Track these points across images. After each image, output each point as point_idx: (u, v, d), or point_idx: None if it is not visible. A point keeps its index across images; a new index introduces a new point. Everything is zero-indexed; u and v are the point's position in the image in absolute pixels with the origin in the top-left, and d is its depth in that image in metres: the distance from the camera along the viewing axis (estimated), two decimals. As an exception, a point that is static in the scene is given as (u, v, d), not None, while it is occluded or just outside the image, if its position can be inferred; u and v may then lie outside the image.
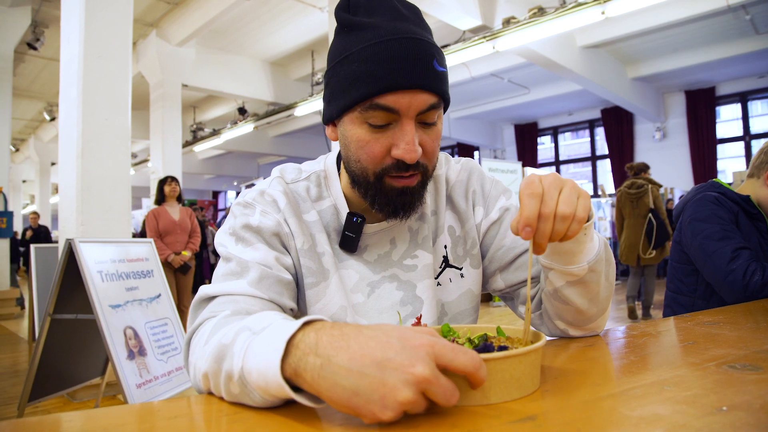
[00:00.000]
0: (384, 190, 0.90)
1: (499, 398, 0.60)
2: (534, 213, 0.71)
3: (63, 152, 4.25)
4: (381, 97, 0.83)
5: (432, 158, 0.91)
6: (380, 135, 0.86)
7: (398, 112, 0.84)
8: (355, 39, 0.86)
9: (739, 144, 11.81)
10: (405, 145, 0.84)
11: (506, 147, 15.86)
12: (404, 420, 0.55)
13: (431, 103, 0.85)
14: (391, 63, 0.82)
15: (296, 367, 0.56)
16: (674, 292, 2.00)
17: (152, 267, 3.39)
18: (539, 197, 0.72)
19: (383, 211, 0.93)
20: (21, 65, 10.26)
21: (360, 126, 0.87)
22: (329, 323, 0.60)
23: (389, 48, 0.83)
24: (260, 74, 11.06)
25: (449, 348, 0.54)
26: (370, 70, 0.83)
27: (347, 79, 0.86)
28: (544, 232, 0.72)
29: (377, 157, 0.88)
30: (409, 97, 0.83)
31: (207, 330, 0.75)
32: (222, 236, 0.95)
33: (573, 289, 0.90)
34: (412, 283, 1.01)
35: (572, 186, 0.75)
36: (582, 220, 0.73)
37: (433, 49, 0.85)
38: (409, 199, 0.91)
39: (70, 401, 3.86)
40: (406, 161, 0.85)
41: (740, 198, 1.88)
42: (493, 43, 6.90)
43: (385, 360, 0.52)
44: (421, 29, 0.87)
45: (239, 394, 0.62)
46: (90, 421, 0.60)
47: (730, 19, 8.35)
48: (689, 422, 0.51)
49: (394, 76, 0.82)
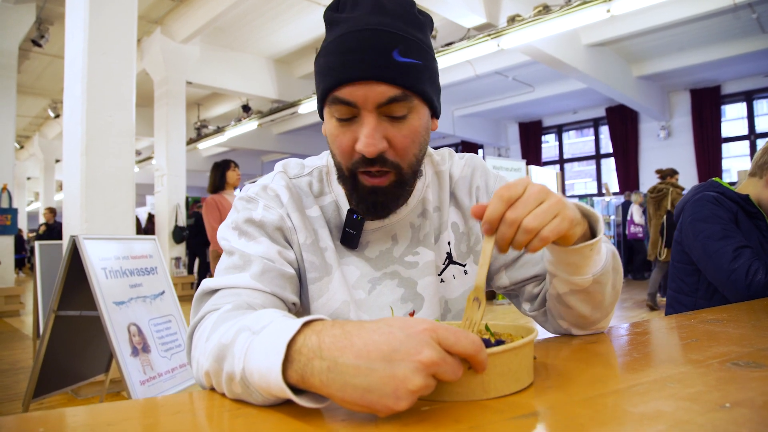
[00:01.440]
0: (357, 188, 0.90)
1: (498, 392, 0.60)
2: (496, 215, 0.70)
3: (67, 149, 4.26)
4: (338, 90, 0.83)
5: (404, 155, 0.88)
6: (346, 129, 0.87)
7: (356, 105, 0.84)
8: (330, 34, 0.87)
9: (744, 143, 11.75)
10: (364, 138, 0.84)
11: (510, 145, 15.83)
12: (407, 414, 0.55)
13: (391, 95, 0.83)
14: (345, 55, 0.82)
15: (302, 373, 0.55)
16: (676, 292, 1.99)
17: (156, 264, 3.39)
18: (509, 202, 0.70)
19: (359, 209, 0.93)
20: (25, 62, 10.28)
21: (330, 120, 0.89)
22: (329, 322, 0.59)
23: (347, 40, 0.83)
24: (264, 72, 11.06)
25: (451, 332, 0.55)
26: (329, 64, 0.84)
27: (318, 74, 0.89)
28: (504, 237, 0.71)
29: (345, 152, 0.88)
30: (365, 89, 0.82)
31: (209, 325, 0.75)
32: (225, 230, 0.95)
33: (576, 297, 0.90)
34: (413, 280, 1.00)
35: (555, 203, 0.72)
36: (546, 239, 0.70)
37: (395, 39, 0.83)
38: (382, 199, 0.90)
39: (74, 398, 3.88)
40: (366, 155, 0.84)
41: (739, 197, 1.87)
42: (498, 41, 6.89)
43: (391, 352, 0.52)
44: (398, 21, 0.85)
45: (241, 393, 0.62)
46: (94, 416, 0.60)
47: (736, 18, 8.30)
48: (692, 419, 0.51)
49: (346, 68, 0.82)
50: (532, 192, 0.71)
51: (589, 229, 0.85)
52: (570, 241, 0.79)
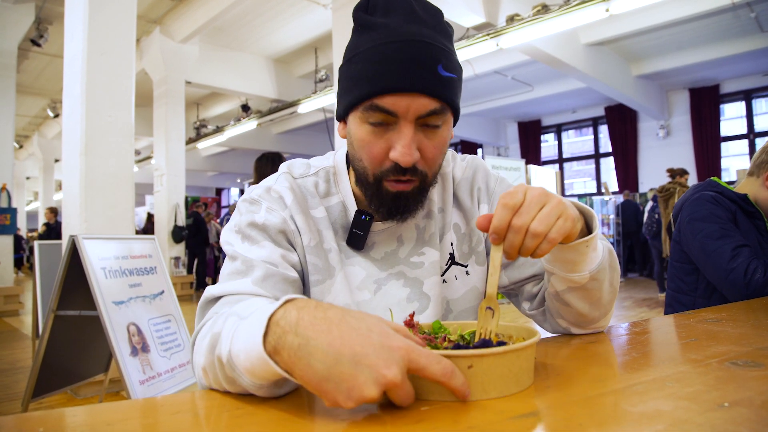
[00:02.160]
0: (380, 193, 0.90)
1: (498, 393, 0.61)
2: (503, 223, 0.71)
3: (67, 149, 4.26)
4: (380, 98, 0.83)
5: (433, 165, 0.90)
6: (380, 136, 0.87)
7: (396, 115, 0.84)
8: (366, 39, 0.87)
9: (743, 142, 11.76)
10: (401, 147, 0.84)
11: (510, 144, 15.84)
12: (407, 414, 0.55)
13: (432, 108, 0.84)
14: (391, 65, 0.82)
15: (275, 344, 0.57)
16: (675, 291, 1.99)
17: (155, 264, 3.39)
18: (513, 209, 0.72)
19: (379, 212, 0.94)
20: (25, 62, 10.27)
21: (361, 125, 0.88)
22: (314, 302, 0.60)
23: (392, 50, 0.83)
24: (264, 71, 11.06)
25: (424, 355, 0.55)
26: (371, 71, 0.84)
27: (352, 79, 0.87)
28: (512, 244, 0.72)
29: (376, 159, 0.88)
30: (408, 100, 0.83)
31: (207, 328, 0.75)
32: (228, 234, 0.94)
33: (574, 294, 0.90)
34: (419, 280, 1.00)
35: (557, 205, 0.73)
36: (554, 240, 0.72)
37: (440, 54, 0.84)
38: (404, 204, 0.91)
39: (73, 397, 3.88)
40: (401, 164, 0.85)
41: (737, 197, 1.88)
42: (497, 41, 6.89)
43: (362, 355, 0.53)
44: (435, 32, 0.86)
45: (232, 380, 0.64)
46: (93, 416, 0.61)
47: (735, 17, 8.31)
48: (691, 418, 0.51)
49: (393, 78, 0.82)
50: (533, 197, 0.72)
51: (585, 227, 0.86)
52: (571, 239, 0.80)
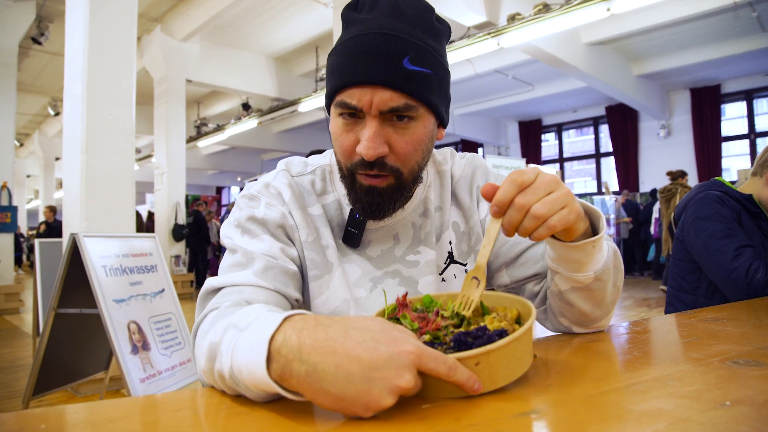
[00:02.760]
0: (354, 187, 0.91)
1: (506, 380, 0.61)
2: (506, 198, 0.71)
3: (67, 147, 4.26)
4: (344, 92, 0.84)
5: (406, 161, 0.88)
6: (350, 129, 0.87)
7: (359, 109, 0.84)
8: (344, 34, 0.88)
9: (744, 142, 11.74)
10: (365, 141, 0.84)
11: (510, 144, 15.83)
12: (409, 411, 0.55)
13: (395, 104, 0.83)
14: (355, 58, 0.82)
15: (281, 373, 0.56)
16: (676, 290, 1.99)
17: (156, 262, 3.39)
18: (520, 186, 0.71)
19: (355, 208, 0.94)
20: (25, 60, 10.27)
21: (336, 119, 0.89)
22: (312, 321, 0.59)
23: (358, 43, 0.83)
24: (264, 70, 11.06)
25: (432, 359, 0.55)
26: (339, 64, 0.85)
27: (328, 72, 0.89)
28: (511, 221, 0.71)
29: (346, 151, 0.89)
30: (371, 94, 0.82)
31: (208, 322, 0.75)
32: (227, 228, 0.95)
33: (578, 294, 0.90)
34: (414, 279, 1.01)
35: (564, 194, 0.73)
36: (554, 227, 0.71)
37: (407, 46, 0.83)
38: (378, 200, 0.90)
39: (74, 395, 3.88)
40: (365, 158, 0.85)
41: (742, 197, 1.88)
42: (498, 40, 6.88)
43: (372, 369, 0.53)
44: (413, 27, 0.85)
45: (236, 389, 0.63)
46: (94, 413, 0.61)
47: (737, 17, 8.30)
48: (692, 416, 0.51)
49: (355, 71, 0.82)
50: (543, 180, 0.72)
51: (591, 228, 0.85)
52: (573, 235, 0.79)
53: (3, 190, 8.07)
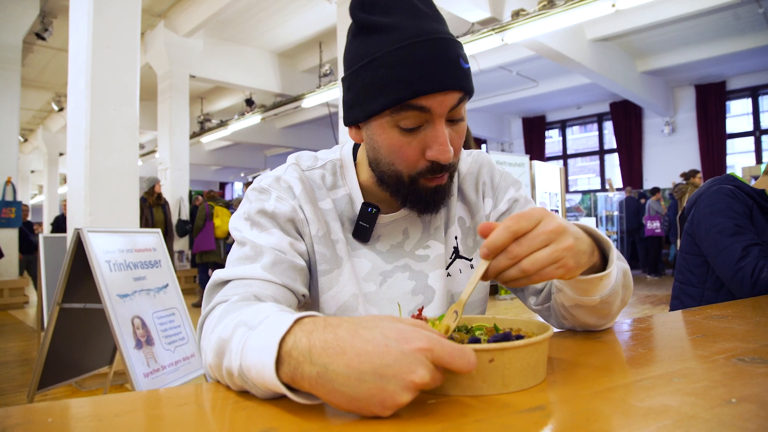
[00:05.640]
0: (417, 191, 0.91)
1: (517, 386, 0.61)
2: (498, 244, 0.68)
3: (71, 143, 4.27)
4: (414, 100, 0.82)
5: (459, 153, 0.92)
6: (412, 138, 0.86)
7: (431, 112, 0.83)
8: (378, 42, 0.84)
9: (749, 139, 11.71)
10: (439, 146, 0.84)
11: (514, 140, 15.81)
12: (415, 407, 0.55)
13: (458, 100, 0.84)
14: (421, 67, 0.81)
15: (293, 375, 0.55)
16: (683, 283, 1.99)
17: (160, 257, 3.40)
18: (514, 234, 0.68)
19: (415, 208, 0.94)
20: (29, 55, 10.28)
21: (390, 130, 0.86)
22: (321, 322, 0.58)
23: (417, 51, 0.81)
24: (268, 65, 11.05)
25: (447, 351, 0.54)
26: (400, 75, 0.81)
27: (375, 85, 0.84)
28: (497, 267, 0.69)
29: (411, 161, 0.88)
30: (441, 98, 0.82)
31: (216, 316, 0.75)
32: (237, 221, 0.95)
33: (582, 310, 0.90)
34: (424, 273, 1.01)
35: (562, 249, 0.69)
36: (534, 281, 0.69)
37: (458, 47, 0.85)
38: (440, 196, 0.92)
39: (78, 390, 3.90)
40: (442, 162, 0.85)
41: (755, 192, 1.88)
42: (502, 36, 6.87)
43: (384, 367, 0.52)
44: (441, 24, 0.86)
45: (243, 386, 0.63)
46: (99, 408, 0.61)
47: (742, 13, 8.26)
48: (698, 413, 0.51)
49: (427, 80, 0.81)
50: (542, 231, 0.69)
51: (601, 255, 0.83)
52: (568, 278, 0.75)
53: (7, 186, 8.10)
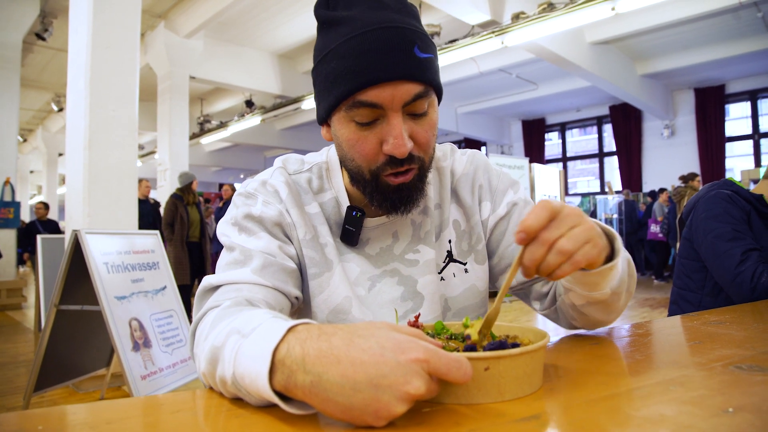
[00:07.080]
0: (380, 188, 0.89)
1: (513, 395, 0.60)
2: (538, 223, 0.65)
3: (70, 143, 4.26)
4: (362, 93, 0.81)
5: (427, 149, 0.89)
6: (368, 132, 0.85)
7: (382, 107, 0.82)
8: (334, 35, 0.84)
9: (748, 142, 11.72)
10: (393, 139, 0.82)
11: (513, 143, 15.81)
12: (409, 416, 0.55)
13: (416, 92, 0.82)
14: (367, 56, 0.80)
15: (286, 383, 0.55)
16: (681, 288, 1.98)
17: (158, 259, 3.40)
18: (552, 215, 0.66)
19: (382, 207, 0.92)
20: (29, 56, 10.27)
21: (347, 125, 0.86)
22: (315, 330, 0.57)
23: (365, 40, 0.80)
24: (268, 67, 11.04)
25: (444, 362, 0.53)
26: (347, 66, 0.81)
27: (328, 78, 0.85)
28: (533, 257, 0.66)
29: (369, 155, 0.86)
30: (391, 89, 0.80)
31: (208, 322, 0.75)
32: (224, 226, 0.94)
33: (593, 307, 0.90)
34: (413, 278, 0.99)
35: (589, 228, 0.69)
36: (578, 264, 0.67)
37: (413, 36, 0.82)
38: (407, 194, 0.89)
39: (75, 391, 3.89)
40: (397, 156, 0.83)
41: (753, 197, 1.87)
42: (502, 39, 6.87)
43: (379, 377, 0.51)
44: (402, 15, 0.84)
45: (237, 394, 0.62)
46: (94, 414, 0.60)
47: (742, 17, 8.27)
48: (695, 423, 0.51)
49: (372, 70, 0.80)
50: (569, 213, 0.68)
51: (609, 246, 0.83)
52: (594, 267, 0.76)
53: (6, 186, 8.09)
